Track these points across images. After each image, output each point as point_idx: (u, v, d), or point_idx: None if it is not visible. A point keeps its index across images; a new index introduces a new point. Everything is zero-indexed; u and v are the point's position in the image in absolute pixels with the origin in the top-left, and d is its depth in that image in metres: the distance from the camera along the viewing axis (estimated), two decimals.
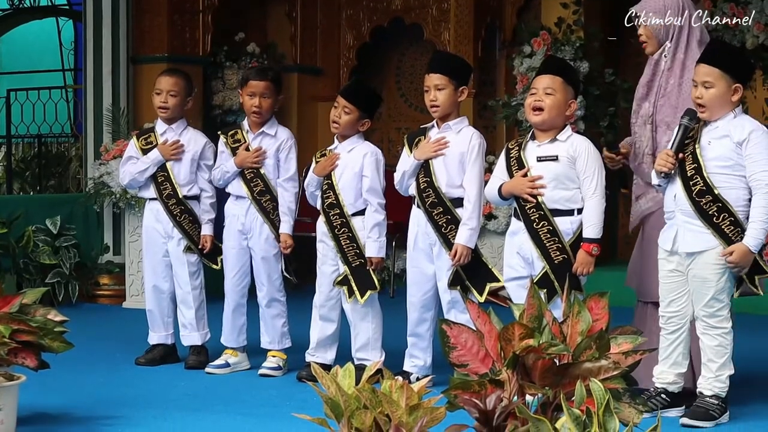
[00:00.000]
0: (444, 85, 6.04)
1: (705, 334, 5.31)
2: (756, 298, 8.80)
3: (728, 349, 5.30)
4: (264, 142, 6.65)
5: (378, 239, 6.23)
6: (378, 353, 6.28)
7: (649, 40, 5.85)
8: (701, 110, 5.31)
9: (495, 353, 3.60)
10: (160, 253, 6.95)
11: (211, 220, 6.86)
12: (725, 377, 5.32)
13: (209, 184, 6.87)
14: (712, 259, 5.27)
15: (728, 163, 5.25)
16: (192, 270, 6.89)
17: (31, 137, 14.34)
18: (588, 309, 3.73)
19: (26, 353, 4.91)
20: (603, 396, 3.20)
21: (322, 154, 6.46)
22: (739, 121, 5.30)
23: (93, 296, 9.85)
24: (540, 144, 5.67)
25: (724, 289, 5.29)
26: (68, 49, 16.24)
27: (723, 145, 5.26)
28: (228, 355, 6.74)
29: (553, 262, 5.58)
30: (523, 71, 9.72)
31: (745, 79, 5.40)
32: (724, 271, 5.28)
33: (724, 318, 5.30)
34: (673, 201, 5.36)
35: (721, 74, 5.25)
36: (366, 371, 3.67)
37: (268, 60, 10.90)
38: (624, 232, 10.23)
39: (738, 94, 5.28)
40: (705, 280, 5.28)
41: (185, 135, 6.91)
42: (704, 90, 5.27)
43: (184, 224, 6.84)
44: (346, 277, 6.26)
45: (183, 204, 6.84)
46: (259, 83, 6.61)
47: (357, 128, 6.34)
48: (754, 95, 10.30)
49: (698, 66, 5.35)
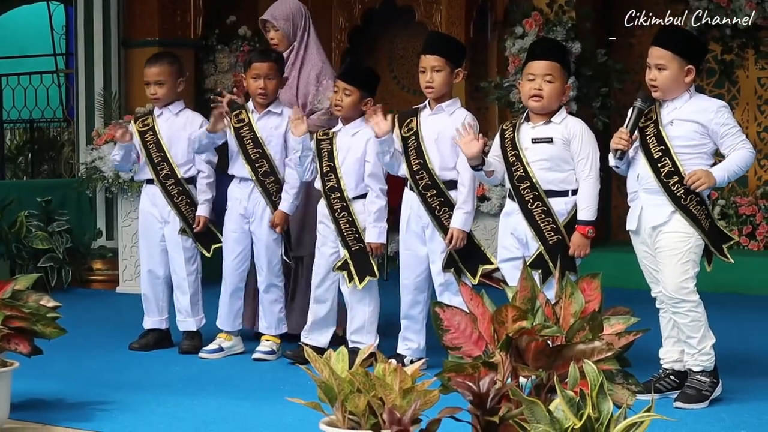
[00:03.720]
0: (441, 67, 6.03)
1: (676, 313, 5.34)
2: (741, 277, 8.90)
3: (702, 321, 5.33)
4: (270, 122, 6.62)
5: (378, 225, 6.20)
6: (372, 337, 6.28)
7: (280, 41, 6.97)
8: (655, 91, 5.41)
9: (488, 335, 3.60)
10: (156, 238, 6.94)
11: (208, 200, 6.83)
12: (709, 348, 5.34)
13: (206, 164, 6.85)
14: (675, 227, 5.33)
15: (690, 143, 5.35)
16: (188, 256, 6.88)
17: (24, 122, 14.32)
18: (580, 290, 3.72)
19: (19, 339, 4.90)
20: (596, 377, 3.20)
21: (324, 133, 6.42)
22: (698, 102, 5.41)
23: (86, 281, 9.85)
24: (534, 125, 5.66)
25: (689, 259, 5.33)
26: (59, 33, 16.21)
27: (686, 126, 5.35)
28: (221, 339, 6.73)
29: (548, 243, 5.58)
30: (515, 52, 9.70)
31: (698, 61, 5.47)
32: (688, 240, 5.32)
33: (691, 291, 5.32)
34: (636, 181, 5.46)
35: (673, 56, 5.35)
36: (359, 355, 3.67)
37: (260, 43, 10.86)
38: (617, 213, 10.23)
39: (691, 75, 5.37)
40: (670, 250, 5.33)
41: (182, 116, 6.91)
42: (657, 72, 5.38)
43: (181, 206, 6.82)
44: (346, 261, 6.25)
45: (181, 185, 6.83)
46: (263, 65, 6.61)
47: (360, 108, 6.32)
48: (747, 75, 10.30)
49: (651, 48, 5.45)
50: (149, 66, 6.89)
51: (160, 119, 6.90)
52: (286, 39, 6.97)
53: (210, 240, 6.88)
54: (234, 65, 10.71)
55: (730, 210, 9.91)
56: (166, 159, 6.84)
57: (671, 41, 5.40)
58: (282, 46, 6.97)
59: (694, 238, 5.32)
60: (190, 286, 6.89)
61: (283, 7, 7.06)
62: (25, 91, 14.27)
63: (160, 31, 10.14)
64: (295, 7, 7.07)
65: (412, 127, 6.13)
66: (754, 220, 9.84)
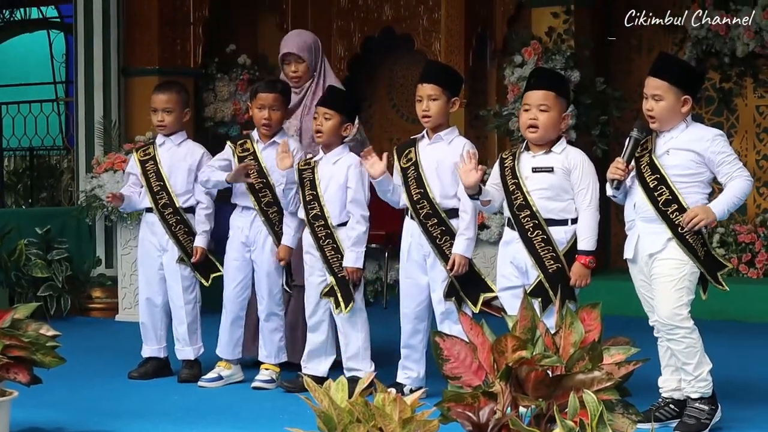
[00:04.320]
0: (437, 96, 6.05)
1: (671, 340, 5.34)
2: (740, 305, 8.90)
3: (698, 347, 5.32)
4: (274, 152, 6.61)
5: (356, 249, 6.20)
6: (368, 363, 6.28)
7: (304, 73, 6.98)
8: (652, 122, 5.43)
9: (488, 365, 3.60)
10: (154, 267, 6.94)
11: (206, 231, 6.83)
12: (705, 374, 5.33)
13: (206, 195, 6.86)
14: (670, 254, 5.34)
15: (687, 172, 5.36)
16: (186, 284, 6.87)
17: (23, 150, 14.34)
18: (580, 320, 3.73)
19: (18, 368, 4.90)
20: (596, 407, 3.20)
21: (306, 162, 6.44)
22: (695, 131, 5.42)
23: (85, 309, 9.83)
24: (535, 155, 5.67)
25: (684, 286, 5.32)
26: (59, 62, 16.25)
27: (682, 155, 5.36)
28: (221, 368, 6.72)
29: (548, 271, 5.58)
30: (514, 81, 9.72)
31: (694, 91, 5.50)
32: (683, 267, 5.32)
33: (685, 317, 5.31)
34: (633, 210, 5.48)
35: (670, 87, 5.37)
36: (359, 384, 3.67)
37: (260, 71, 10.90)
38: (616, 241, 10.23)
39: (687, 106, 5.39)
40: (665, 276, 5.33)
41: (183, 146, 6.92)
42: (654, 102, 5.40)
43: (179, 235, 6.82)
44: (333, 288, 6.26)
45: (179, 214, 6.83)
46: (268, 95, 6.62)
47: (340, 133, 6.34)
48: (745, 103, 10.32)
49: (648, 79, 5.47)
50: (158, 93, 6.90)
51: (162, 149, 6.91)
52: (309, 70, 7.00)
53: (209, 269, 6.88)
54: (233, 94, 10.73)
55: (729, 238, 9.91)
56: (165, 188, 6.84)
57: (668, 72, 5.42)
58: (304, 78, 7.00)
59: (689, 265, 5.33)
60: (187, 315, 6.88)
61: (302, 38, 7.11)
62: (25, 119, 14.30)
63: (160, 59, 10.16)
64: (311, 38, 7.15)
65: (411, 158, 6.14)
66: (753, 247, 9.84)
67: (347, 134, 6.36)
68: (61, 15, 15.91)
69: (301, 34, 7.19)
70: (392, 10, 11.05)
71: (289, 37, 7.20)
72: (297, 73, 6.98)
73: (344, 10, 11.37)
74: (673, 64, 5.59)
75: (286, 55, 7.02)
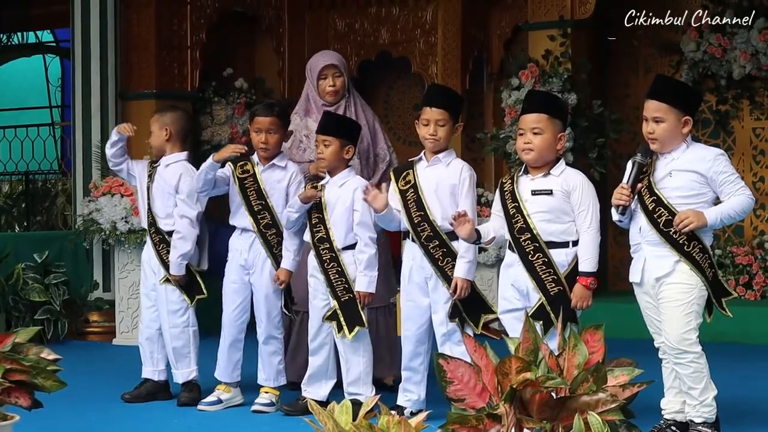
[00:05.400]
0: (444, 121, 6.07)
1: (678, 364, 5.35)
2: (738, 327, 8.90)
3: (705, 372, 5.33)
4: (274, 175, 6.63)
5: (369, 274, 6.21)
6: (369, 388, 6.27)
7: (341, 87, 6.95)
8: (653, 144, 5.46)
9: (492, 387, 3.59)
10: (150, 288, 6.96)
11: (182, 255, 6.77)
12: (711, 399, 5.34)
13: (182, 220, 6.81)
14: (678, 278, 5.36)
15: (690, 193, 5.39)
16: (173, 308, 6.85)
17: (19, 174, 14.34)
18: (584, 342, 3.72)
19: (19, 392, 4.88)
20: (601, 429, 3.20)
21: (312, 186, 6.43)
22: (695, 151, 5.46)
23: (82, 333, 9.82)
24: (534, 177, 5.68)
25: (692, 310, 5.35)
26: (55, 86, 16.27)
27: (685, 176, 5.39)
28: (220, 391, 6.71)
29: (549, 294, 5.57)
30: (511, 103, 9.74)
31: (694, 111, 5.54)
32: (691, 291, 5.34)
33: (693, 342, 5.32)
34: (638, 234, 5.50)
35: (670, 109, 5.41)
36: (363, 407, 3.66)
37: (257, 95, 10.91)
38: (614, 263, 10.24)
39: (688, 126, 5.43)
40: (673, 301, 5.35)
41: (170, 169, 6.92)
42: (655, 125, 5.43)
43: (162, 254, 6.84)
44: (335, 312, 6.25)
45: (160, 233, 6.86)
46: (265, 119, 6.63)
47: (343, 157, 6.35)
48: (742, 125, 10.34)
49: (647, 102, 5.50)
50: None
51: (158, 170, 6.95)
52: (344, 86, 7.03)
53: (195, 291, 6.88)
54: (231, 117, 10.74)
55: (727, 260, 9.92)
56: (151, 210, 6.92)
57: (667, 93, 5.45)
58: (341, 93, 7.02)
59: (697, 289, 5.33)
60: (173, 339, 6.86)
61: (336, 54, 7.19)
62: (22, 144, 14.30)
63: (158, 83, 10.17)
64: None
65: (410, 180, 6.15)
66: (750, 269, 9.85)
67: (349, 156, 6.37)
68: (56, 39, 15.94)
69: (330, 51, 7.23)
70: (389, 34, 11.08)
71: (323, 53, 7.23)
72: (335, 87, 6.97)
73: (341, 34, 11.39)
74: (671, 86, 5.62)
75: (326, 68, 6.99)
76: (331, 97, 6.97)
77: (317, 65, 7.03)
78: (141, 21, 10.21)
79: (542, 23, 9.92)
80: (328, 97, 6.97)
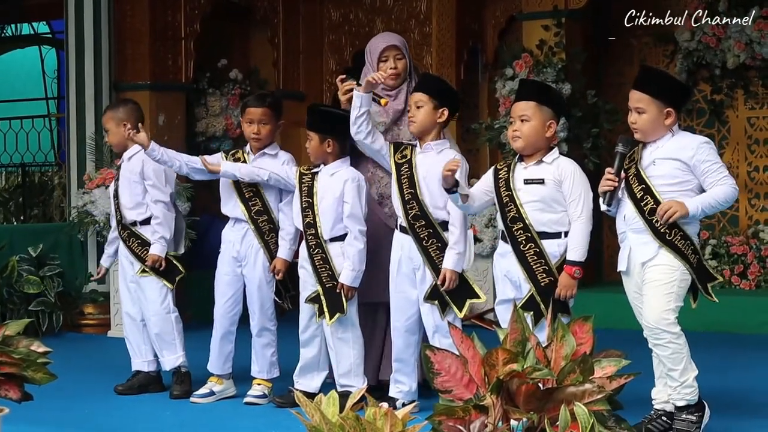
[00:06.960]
0: (423, 103, 6.06)
1: (657, 345, 5.34)
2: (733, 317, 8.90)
3: (684, 352, 5.32)
4: (264, 162, 6.61)
5: (356, 269, 6.16)
6: (361, 379, 6.24)
7: (403, 70, 6.56)
8: (636, 134, 5.49)
9: (479, 378, 3.59)
10: (128, 280, 6.98)
11: (162, 237, 6.80)
12: (692, 380, 5.34)
13: (156, 205, 6.83)
14: (661, 261, 5.36)
15: (674, 181, 5.40)
16: (152, 296, 6.86)
17: (15, 166, 14.33)
18: (572, 333, 3.71)
19: (9, 385, 4.87)
20: (587, 420, 3.19)
21: (307, 168, 6.42)
22: (680, 140, 5.45)
23: (77, 325, 9.82)
24: (526, 166, 5.67)
25: (672, 291, 5.34)
26: (51, 77, 16.24)
27: (669, 164, 5.40)
28: (213, 383, 6.71)
29: (540, 285, 5.56)
30: (506, 94, 9.73)
31: (678, 103, 5.52)
32: (673, 273, 5.34)
33: (672, 322, 5.31)
34: (623, 222, 5.51)
35: (651, 100, 5.42)
36: (350, 399, 3.65)
37: (251, 86, 10.90)
38: (609, 253, 10.23)
39: (671, 118, 5.43)
40: (654, 281, 5.34)
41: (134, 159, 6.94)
42: (637, 115, 5.46)
43: (134, 248, 6.86)
44: (318, 296, 6.23)
45: (128, 228, 6.90)
46: (257, 110, 6.63)
47: (325, 150, 6.33)
48: (736, 114, 10.34)
49: (631, 92, 5.52)
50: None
51: (122, 166, 7.02)
52: (406, 69, 6.59)
53: (174, 273, 6.89)
54: (225, 108, 10.73)
55: (722, 249, 9.92)
56: (119, 206, 6.96)
57: (649, 84, 5.46)
58: (402, 77, 6.57)
59: (679, 271, 5.34)
60: (154, 326, 6.87)
61: (397, 35, 6.79)
62: (17, 135, 14.29)
63: (152, 74, 10.15)
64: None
65: (406, 155, 6.15)
66: (745, 259, 9.84)
67: (330, 150, 6.33)
68: (52, 30, 15.90)
69: (393, 33, 6.92)
70: (383, 24, 11.06)
71: (384, 35, 6.89)
72: (396, 70, 6.52)
73: (335, 25, 11.39)
74: (654, 77, 5.63)
75: (387, 49, 6.56)
76: (392, 81, 6.53)
77: (377, 47, 6.61)
78: (135, 12, 10.20)
79: (536, 13, 9.93)
80: (389, 80, 6.51)
